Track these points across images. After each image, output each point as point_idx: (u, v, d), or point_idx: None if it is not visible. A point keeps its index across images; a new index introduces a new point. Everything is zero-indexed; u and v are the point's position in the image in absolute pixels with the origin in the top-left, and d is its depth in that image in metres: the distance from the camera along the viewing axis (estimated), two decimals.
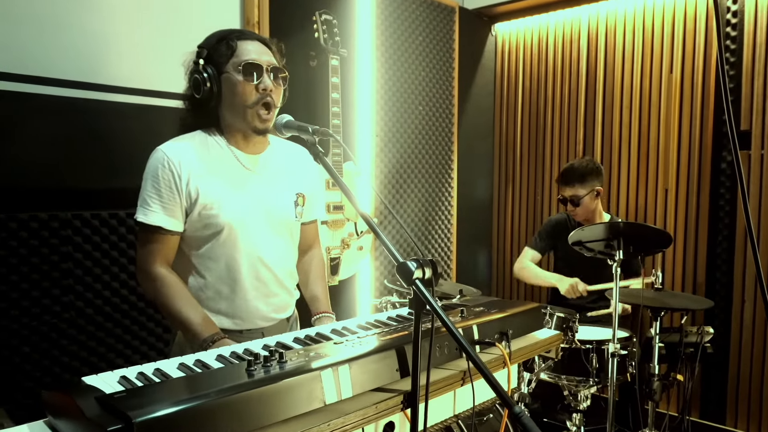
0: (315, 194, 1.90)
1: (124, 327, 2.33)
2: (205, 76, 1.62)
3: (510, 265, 4.11)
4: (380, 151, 3.34)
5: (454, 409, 1.51)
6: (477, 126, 4.07)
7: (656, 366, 2.38)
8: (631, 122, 3.47)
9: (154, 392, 0.96)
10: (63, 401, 0.95)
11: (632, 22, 3.45)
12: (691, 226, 3.26)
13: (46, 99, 2.14)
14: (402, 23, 3.43)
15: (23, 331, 2.08)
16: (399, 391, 1.22)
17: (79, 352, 2.21)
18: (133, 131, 2.33)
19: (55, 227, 2.14)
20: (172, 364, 1.15)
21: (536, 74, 3.91)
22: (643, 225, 2.58)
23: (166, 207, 1.60)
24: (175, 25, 2.44)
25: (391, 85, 3.38)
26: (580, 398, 2.55)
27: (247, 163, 1.70)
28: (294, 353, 1.17)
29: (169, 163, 1.59)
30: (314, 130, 1.49)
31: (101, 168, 2.27)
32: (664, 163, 3.35)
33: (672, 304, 2.36)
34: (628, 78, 3.47)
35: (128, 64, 2.35)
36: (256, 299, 1.72)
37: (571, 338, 2.38)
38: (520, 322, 1.64)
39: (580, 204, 3.02)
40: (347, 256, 2.94)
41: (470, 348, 1.06)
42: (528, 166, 3.99)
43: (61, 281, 2.16)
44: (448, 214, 3.80)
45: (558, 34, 3.80)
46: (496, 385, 1.02)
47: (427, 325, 1.24)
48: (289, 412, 1.03)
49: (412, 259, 1.17)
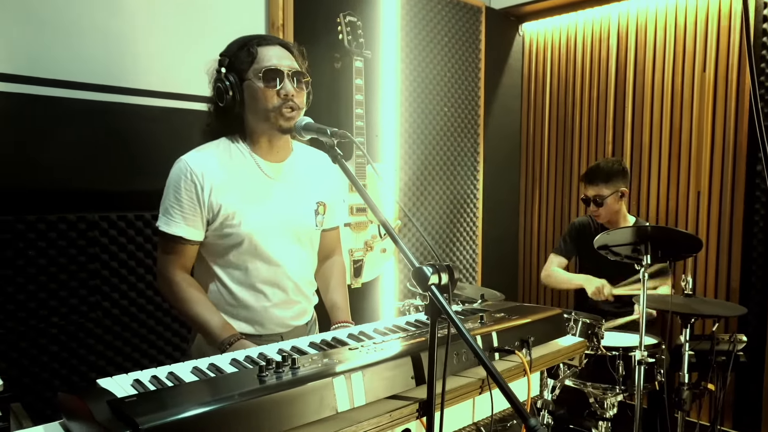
0: (336, 201, 1.89)
1: (149, 327, 2.36)
2: (227, 84, 1.63)
3: (537, 269, 4.05)
4: (404, 153, 3.32)
5: (473, 416, 1.48)
6: (503, 127, 4.02)
7: (686, 374, 2.31)
8: (662, 123, 3.39)
9: (164, 397, 0.96)
10: (76, 404, 0.96)
11: (664, 19, 3.36)
12: (725, 230, 3.15)
13: (74, 103, 2.19)
14: (427, 24, 3.41)
15: (51, 330, 2.12)
16: (414, 399, 1.20)
17: (105, 352, 2.25)
18: (159, 134, 2.36)
19: (83, 229, 2.18)
20: (185, 368, 1.15)
21: (564, 74, 3.84)
22: (671, 229, 2.50)
23: (187, 218, 1.62)
24: (201, 29, 2.47)
25: (416, 86, 3.36)
26: (606, 406, 2.49)
27: (269, 172, 1.70)
28: (307, 359, 1.16)
29: (192, 174, 1.61)
30: (332, 132, 1.48)
31: (127, 170, 2.31)
32: (696, 165, 3.26)
33: (703, 310, 2.28)
34: (659, 77, 3.38)
35: (153, 68, 2.38)
36: (275, 307, 1.73)
37: (597, 345, 2.32)
38: (542, 329, 1.60)
39: (604, 204, 2.96)
40: (370, 259, 2.93)
41: (485, 357, 1.03)
42: (555, 168, 3.93)
43: (88, 282, 2.20)
44: (473, 216, 3.76)
45: (587, 32, 3.73)
46: (512, 396, 1.00)
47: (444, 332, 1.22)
48: (300, 419, 1.02)
49: (429, 264, 1.15)
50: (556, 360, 1.64)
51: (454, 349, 1.32)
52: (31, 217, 2.08)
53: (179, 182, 1.61)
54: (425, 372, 1.22)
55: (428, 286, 1.13)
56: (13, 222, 2.04)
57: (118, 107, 2.29)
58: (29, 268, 2.08)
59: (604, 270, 2.94)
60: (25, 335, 2.08)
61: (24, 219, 2.06)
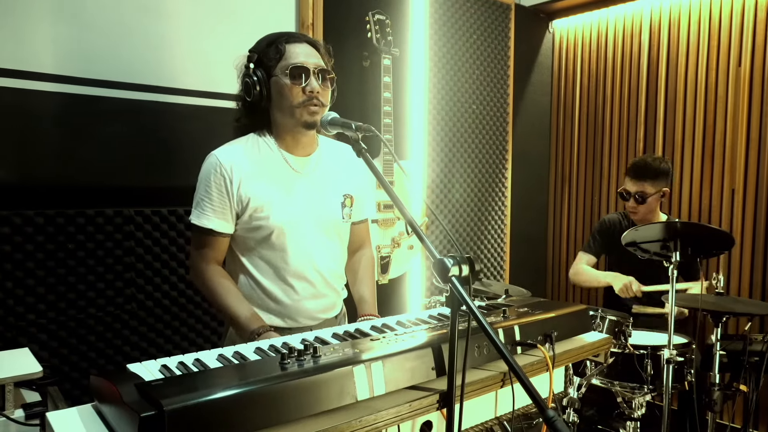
0: (364, 194, 1.91)
1: (182, 320, 2.43)
2: (255, 79, 1.67)
3: (566, 267, 4.01)
4: (432, 150, 3.33)
5: (495, 411, 1.49)
6: (533, 125, 3.99)
7: (717, 375, 2.26)
8: (695, 119, 3.32)
9: (189, 381, 1.00)
10: (106, 386, 1.01)
11: (698, 12, 3.29)
12: (761, 228, 3.07)
13: (113, 102, 2.27)
14: (456, 22, 3.41)
15: (89, 321, 2.21)
16: (435, 390, 1.21)
17: (139, 343, 2.32)
18: (193, 131, 2.43)
19: (119, 223, 2.26)
20: (211, 355, 1.19)
21: (595, 71, 3.79)
22: (701, 225, 2.44)
23: (218, 210, 1.66)
24: (233, 28, 2.52)
25: (444, 84, 3.37)
26: (634, 406, 2.45)
27: (296, 166, 1.74)
28: (329, 348, 1.19)
29: (221, 168, 1.65)
30: (357, 127, 1.50)
31: (162, 167, 2.38)
32: (731, 162, 3.18)
33: (734, 309, 2.23)
34: (693, 72, 3.31)
35: (188, 67, 2.45)
36: (304, 300, 1.76)
37: (624, 343, 2.29)
38: (565, 324, 1.60)
39: (645, 202, 2.88)
40: (397, 255, 2.95)
41: (503, 347, 1.04)
42: (585, 166, 3.88)
43: (123, 274, 2.28)
44: (501, 214, 3.75)
45: (618, 28, 3.67)
46: (530, 386, 1.00)
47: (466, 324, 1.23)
48: (319, 406, 1.05)
49: (450, 255, 1.16)
50: (580, 356, 1.63)
51: (475, 342, 1.33)
52: (71, 212, 2.16)
53: (210, 176, 1.66)
54: (446, 363, 1.23)
55: (449, 278, 1.14)
56: (54, 216, 2.13)
57: (154, 106, 2.36)
58: (69, 260, 2.16)
59: (633, 269, 2.90)
60: (65, 325, 2.16)
61: (64, 213, 2.15)
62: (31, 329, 2.09)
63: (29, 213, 2.09)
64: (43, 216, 2.11)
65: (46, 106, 2.13)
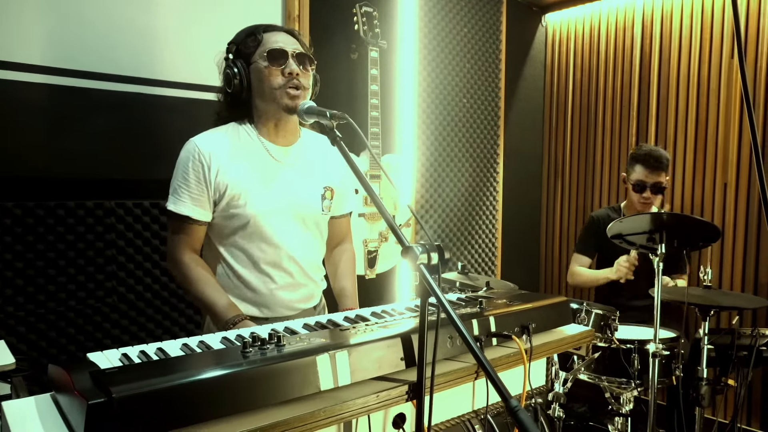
0: (346, 188, 1.89)
1: (164, 313, 2.40)
2: (235, 70, 1.67)
3: (559, 263, 3.98)
4: (422, 144, 3.30)
5: (473, 404, 1.46)
6: (525, 119, 3.96)
7: (704, 369, 2.23)
8: (687, 113, 3.29)
9: (145, 369, 0.98)
10: (61, 375, 0.98)
11: (690, 5, 3.26)
12: (753, 222, 3.05)
13: (99, 93, 2.24)
14: (446, 15, 3.38)
15: (69, 314, 2.18)
16: (404, 381, 1.19)
17: (120, 336, 2.30)
18: (178, 124, 2.39)
19: (100, 215, 2.24)
20: (175, 345, 1.16)
21: (587, 65, 3.76)
22: (687, 216, 2.41)
23: (195, 197, 1.65)
24: (220, 20, 2.49)
25: (434, 77, 3.34)
26: (622, 401, 2.43)
27: (276, 155, 1.72)
28: (296, 338, 1.17)
29: (200, 154, 1.64)
30: (332, 115, 1.48)
31: (145, 159, 2.35)
32: (723, 156, 3.15)
33: (722, 302, 2.20)
34: (685, 65, 3.28)
35: (175, 59, 2.42)
36: (281, 289, 1.74)
37: (610, 337, 2.27)
38: (544, 316, 1.57)
39: (663, 193, 2.84)
40: (385, 250, 2.92)
41: (467, 333, 1.01)
42: (578, 160, 3.85)
43: (104, 267, 2.25)
44: (493, 209, 3.72)
45: (611, 22, 3.64)
46: (493, 375, 0.97)
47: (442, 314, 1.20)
48: (281, 396, 1.02)
49: (419, 243, 1.14)
50: (559, 348, 1.61)
51: (447, 333, 1.30)
52: (51, 203, 2.14)
53: (188, 162, 1.65)
54: (416, 354, 1.21)
55: (417, 265, 1.12)
56: (33, 208, 2.10)
57: (139, 97, 2.33)
58: (48, 252, 2.14)
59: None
60: (44, 318, 2.14)
61: (44, 204, 2.12)
62: (9, 321, 2.07)
63: (8, 204, 2.06)
64: (22, 207, 2.08)
65: (29, 97, 2.10)
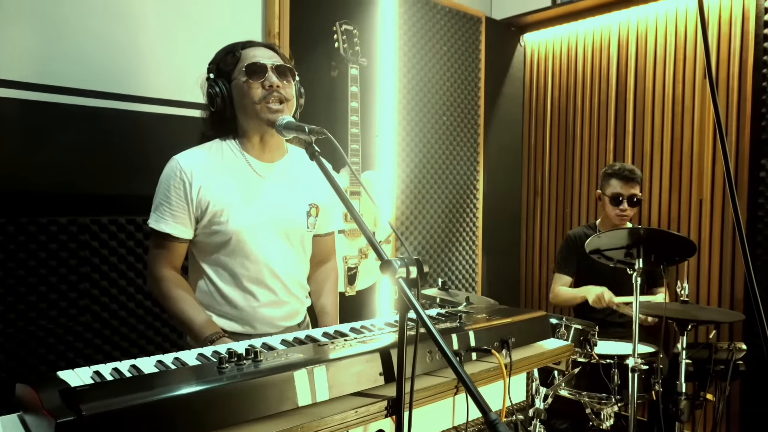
0: (332, 206, 1.88)
1: (139, 332, 2.35)
2: (217, 89, 1.67)
3: (539, 279, 4.00)
4: (402, 161, 3.31)
5: (453, 420, 1.45)
6: (505, 137, 3.99)
7: (683, 384, 2.24)
8: (663, 130, 3.35)
9: (117, 387, 0.95)
10: (29, 394, 0.95)
11: (664, 27, 3.34)
12: (728, 238, 3.09)
13: (71, 108, 2.21)
14: (426, 33, 3.41)
15: (39, 333, 2.12)
16: (383, 396, 1.18)
17: (94, 356, 2.24)
18: (153, 140, 2.37)
19: (74, 231, 2.19)
20: (149, 362, 1.14)
21: (565, 84, 3.82)
22: (664, 231, 2.45)
23: (176, 215, 1.64)
24: (200, 37, 2.49)
25: (414, 95, 3.36)
26: (603, 416, 2.43)
27: (260, 171, 1.71)
28: (273, 354, 1.15)
29: (182, 171, 1.63)
30: (310, 130, 1.48)
31: (121, 175, 2.32)
32: (698, 173, 3.21)
33: (700, 316, 2.23)
34: (660, 84, 3.35)
35: (153, 75, 2.40)
36: (264, 306, 1.72)
37: (590, 352, 2.27)
38: (524, 330, 1.57)
39: (639, 204, 2.94)
40: (365, 266, 2.91)
41: (447, 348, 1.00)
42: (557, 177, 3.89)
43: (77, 285, 2.20)
44: (473, 226, 3.73)
45: (587, 42, 3.71)
46: (472, 388, 0.97)
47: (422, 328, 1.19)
48: (258, 412, 1.00)
49: (398, 257, 1.14)
50: (539, 363, 1.61)
51: (427, 347, 1.30)
52: (23, 219, 2.09)
53: (170, 180, 1.64)
54: (395, 369, 1.19)
55: (396, 279, 1.12)
56: (4, 224, 2.05)
57: (116, 113, 2.31)
58: (19, 270, 2.08)
59: (605, 281, 2.88)
60: (14, 338, 2.08)
61: (16, 221, 2.07)
62: None
63: None
64: None
65: (1, 111, 2.07)
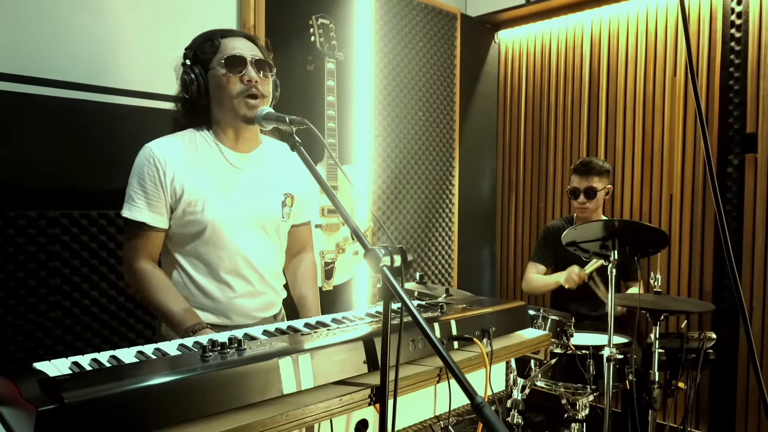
0: (306, 196, 1.87)
1: (112, 328, 2.30)
2: (192, 76, 1.64)
3: (514, 274, 4.04)
4: (378, 156, 3.31)
5: (435, 409, 1.45)
6: (479, 133, 4.02)
7: (656, 373, 2.29)
8: (634, 127, 3.41)
9: (98, 376, 0.93)
10: (7, 386, 0.92)
11: (635, 25, 3.40)
12: (697, 232, 3.17)
13: (43, 100, 2.15)
14: (402, 29, 3.41)
15: (8, 330, 2.06)
16: (367, 384, 1.17)
17: (64, 353, 2.18)
18: (129, 132, 2.31)
19: (43, 225, 2.13)
20: (129, 353, 1.11)
21: (539, 81, 3.87)
22: (638, 223, 2.50)
23: (151, 203, 1.61)
24: (174, 29, 2.45)
25: (390, 90, 3.36)
26: (578, 407, 2.46)
27: (234, 161, 1.70)
28: (256, 343, 1.13)
29: (155, 159, 1.61)
30: (291, 120, 1.48)
31: (95, 168, 2.27)
32: (668, 169, 3.28)
33: (672, 307, 2.28)
34: (632, 82, 3.42)
35: (127, 67, 2.36)
36: (240, 297, 1.71)
37: (566, 343, 2.30)
38: (504, 320, 1.59)
39: (596, 197, 2.99)
40: (342, 261, 2.90)
41: (433, 335, 1.00)
42: (531, 173, 3.93)
43: (47, 280, 2.15)
44: (449, 221, 3.75)
45: (561, 39, 3.76)
46: (458, 373, 0.97)
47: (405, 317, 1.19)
48: (242, 400, 0.99)
49: (382, 246, 1.13)
50: (519, 352, 1.62)
51: (410, 336, 1.30)
52: None
53: (143, 168, 1.61)
54: (379, 357, 1.19)
55: (380, 267, 1.11)
56: None
57: (89, 105, 2.26)
58: None
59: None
60: None
61: None
62: None
63: None
64: None
65: None
